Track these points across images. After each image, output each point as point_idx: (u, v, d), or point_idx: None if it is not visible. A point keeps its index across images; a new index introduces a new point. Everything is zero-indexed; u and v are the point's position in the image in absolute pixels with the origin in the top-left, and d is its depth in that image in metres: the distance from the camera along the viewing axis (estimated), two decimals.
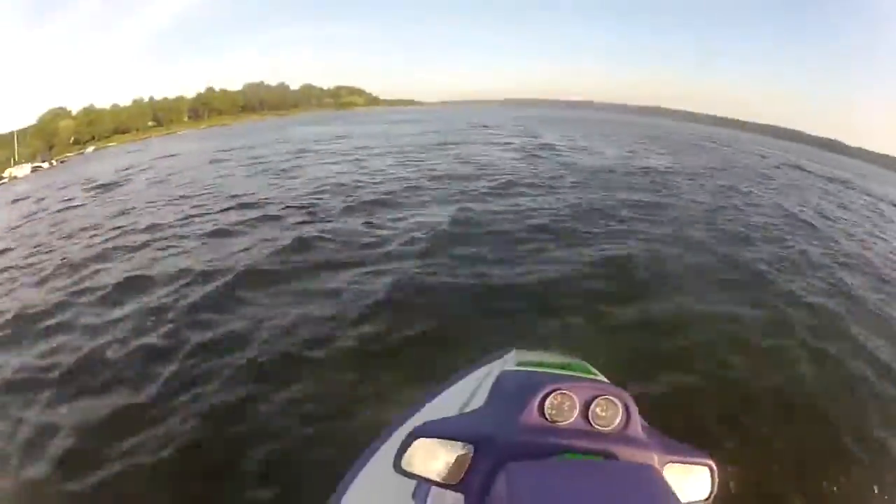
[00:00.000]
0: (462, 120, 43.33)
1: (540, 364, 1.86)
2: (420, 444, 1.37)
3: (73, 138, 58.39)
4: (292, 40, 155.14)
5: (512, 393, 1.55)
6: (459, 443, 1.38)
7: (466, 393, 1.96)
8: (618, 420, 1.44)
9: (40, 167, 50.51)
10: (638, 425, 1.44)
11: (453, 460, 1.37)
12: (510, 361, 1.95)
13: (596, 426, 1.44)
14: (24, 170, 49.86)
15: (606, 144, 27.68)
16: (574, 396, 1.47)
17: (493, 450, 1.36)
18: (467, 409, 1.74)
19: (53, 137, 57.31)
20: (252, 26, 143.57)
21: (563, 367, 1.84)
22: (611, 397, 1.46)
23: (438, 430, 1.40)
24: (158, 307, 6.60)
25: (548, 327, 5.61)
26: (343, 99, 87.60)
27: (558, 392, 1.46)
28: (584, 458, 1.35)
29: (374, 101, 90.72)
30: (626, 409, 1.44)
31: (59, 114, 58.64)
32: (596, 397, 1.46)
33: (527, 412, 1.44)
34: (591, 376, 1.78)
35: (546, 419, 1.45)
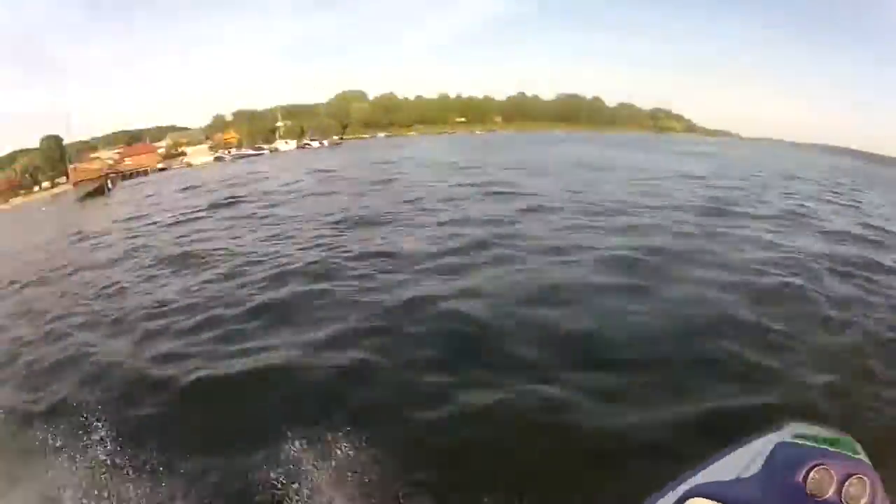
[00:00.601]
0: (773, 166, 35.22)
1: (813, 438, 2.04)
2: (693, 503, 1.69)
3: (365, 121, 59.88)
4: (608, 53, 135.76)
5: (782, 464, 1.82)
6: None
7: (744, 460, 2.11)
8: (865, 499, 1.64)
9: (309, 145, 52.92)
10: None
11: None
12: (786, 434, 2.12)
13: (847, 502, 1.65)
14: (289, 146, 53.17)
15: None
16: (833, 473, 1.69)
17: None
18: (742, 476, 1.95)
19: (347, 118, 59.59)
20: (560, 35, 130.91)
21: (832, 443, 1.99)
22: (863, 477, 1.67)
23: (710, 492, 1.74)
24: None
25: None
26: (661, 122, 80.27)
27: (821, 467, 1.69)
28: None
29: (691, 127, 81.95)
30: (875, 488, 1.64)
31: (355, 97, 60.73)
32: (851, 475, 1.68)
33: (792, 484, 1.69)
34: (855, 454, 1.93)
35: (806, 492, 1.68)
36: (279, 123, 57.92)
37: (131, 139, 54.50)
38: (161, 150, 53.97)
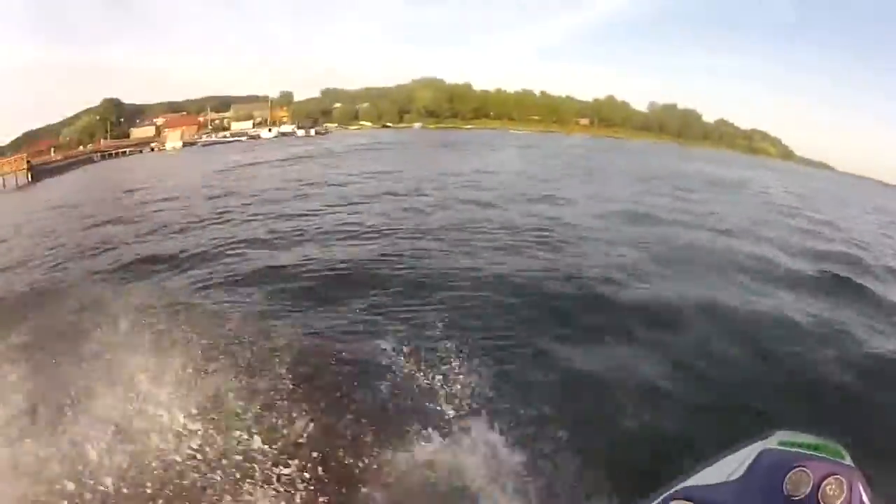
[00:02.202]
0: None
1: (798, 444, 2.21)
2: None
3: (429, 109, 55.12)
4: (705, 66, 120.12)
5: (764, 468, 2.01)
6: None
7: (732, 466, 2.26)
8: (841, 499, 1.79)
9: (291, 133, 48.93)
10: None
11: None
12: (773, 441, 2.30)
13: (823, 502, 1.81)
14: (271, 133, 49.07)
15: None
16: (811, 474, 1.85)
17: None
18: (727, 480, 2.14)
19: (409, 104, 54.99)
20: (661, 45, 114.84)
21: (817, 448, 2.16)
22: (841, 478, 1.82)
23: (691, 495, 1.94)
24: None
25: None
26: (756, 144, 71.83)
27: (799, 469, 1.87)
28: None
29: (787, 154, 72.68)
30: (851, 488, 1.80)
31: (427, 83, 55.82)
32: (828, 476, 1.83)
33: (771, 486, 1.87)
34: (838, 458, 2.09)
35: (784, 493, 1.85)
36: (337, 105, 54.38)
37: (175, 108, 52.75)
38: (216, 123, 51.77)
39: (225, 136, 49.14)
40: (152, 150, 45.95)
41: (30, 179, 37.42)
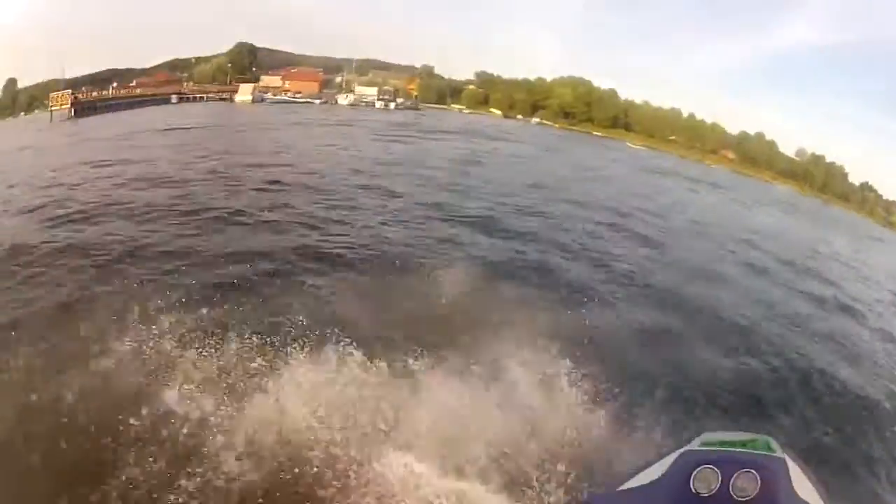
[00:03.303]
0: None
1: (721, 443, 2.31)
2: None
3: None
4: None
5: (676, 469, 2.08)
6: None
7: (660, 468, 2.34)
8: (754, 491, 1.83)
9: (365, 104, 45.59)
10: (782, 497, 1.84)
11: None
12: (696, 443, 2.40)
13: (736, 497, 1.84)
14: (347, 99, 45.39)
15: None
16: (718, 470, 1.91)
17: None
18: (644, 483, 2.25)
19: (546, 100, 50.72)
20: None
21: (743, 444, 2.25)
22: (751, 471, 1.87)
23: (607, 499, 2.18)
24: None
25: None
26: (893, 217, 60.64)
27: (706, 467, 1.92)
28: None
29: None
30: (765, 480, 1.85)
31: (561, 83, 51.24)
32: (738, 471, 1.88)
33: (679, 485, 1.93)
34: (766, 452, 2.18)
35: (693, 491, 1.90)
36: (471, 86, 50.87)
37: (311, 63, 50.79)
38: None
39: (298, 97, 47.18)
40: (223, 100, 44.25)
41: (72, 114, 36.44)
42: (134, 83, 47.36)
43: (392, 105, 45.92)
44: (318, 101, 45.34)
